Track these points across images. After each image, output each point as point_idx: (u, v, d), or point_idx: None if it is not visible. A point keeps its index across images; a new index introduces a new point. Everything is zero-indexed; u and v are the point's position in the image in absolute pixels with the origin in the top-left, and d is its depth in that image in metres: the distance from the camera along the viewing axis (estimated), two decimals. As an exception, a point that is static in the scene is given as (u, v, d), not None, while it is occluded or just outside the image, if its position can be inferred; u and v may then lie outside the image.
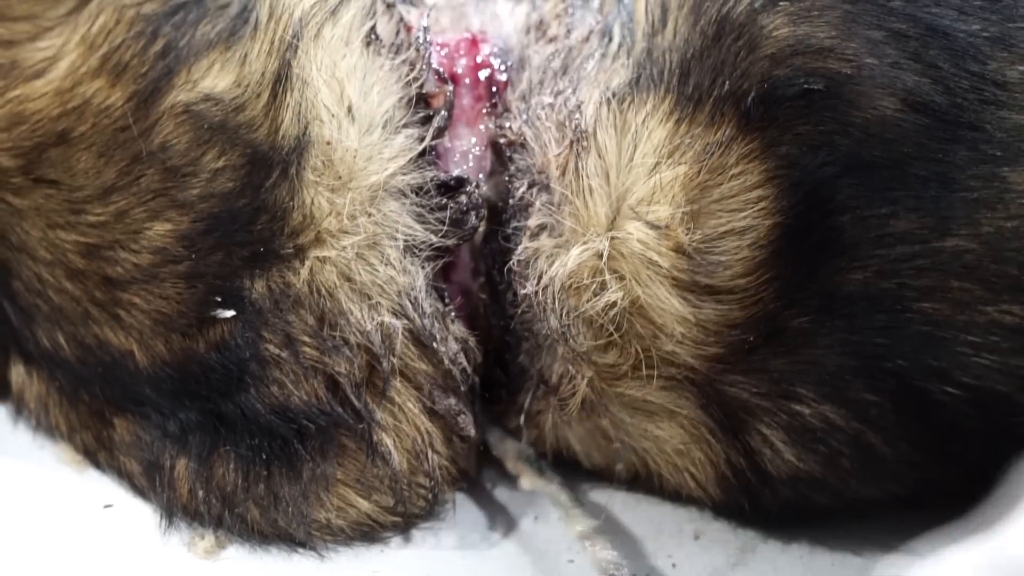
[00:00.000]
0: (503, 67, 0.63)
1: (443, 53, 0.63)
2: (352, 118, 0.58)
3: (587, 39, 0.62)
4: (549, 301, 0.58)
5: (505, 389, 0.63)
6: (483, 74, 0.63)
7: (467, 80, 0.62)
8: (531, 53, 0.63)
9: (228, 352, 0.59)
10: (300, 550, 0.61)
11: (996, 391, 0.54)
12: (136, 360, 0.61)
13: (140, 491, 0.63)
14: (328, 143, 0.58)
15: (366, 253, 0.58)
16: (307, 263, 0.58)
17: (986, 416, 0.55)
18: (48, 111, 0.60)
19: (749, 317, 0.56)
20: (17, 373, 0.67)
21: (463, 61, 0.63)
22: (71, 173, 0.60)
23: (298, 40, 0.58)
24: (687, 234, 0.55)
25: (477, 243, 0.61)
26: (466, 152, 0.61)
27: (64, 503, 0.64)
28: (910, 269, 0.53)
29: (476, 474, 0.65)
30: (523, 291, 0.59)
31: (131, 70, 0.59)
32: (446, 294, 0.61)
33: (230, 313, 0.58)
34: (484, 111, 0.62)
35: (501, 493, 0.66)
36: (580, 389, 0.59)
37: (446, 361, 0.60)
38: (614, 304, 0.57)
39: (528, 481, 0.62)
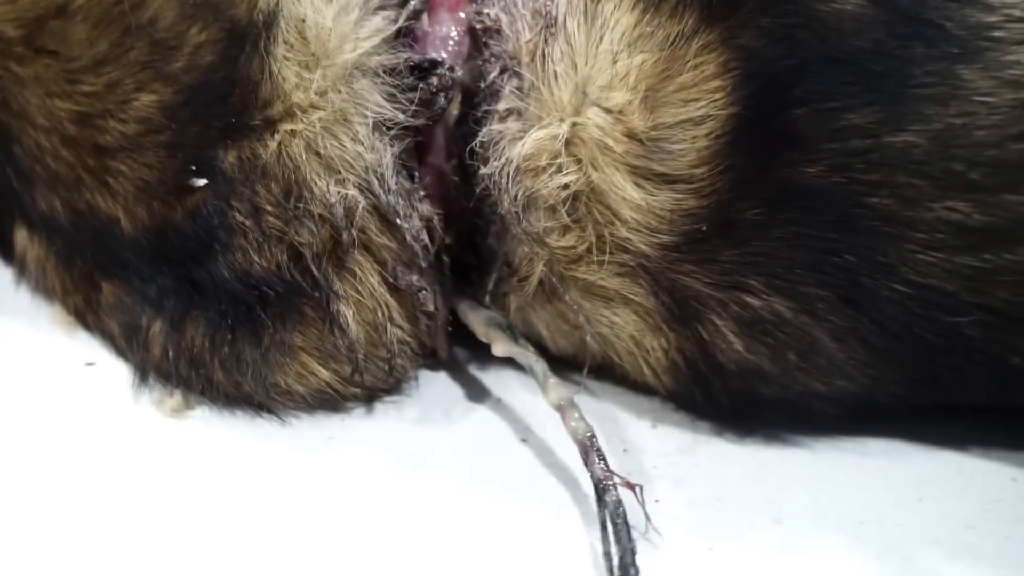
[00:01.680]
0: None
1: (435, -60, 0.64)
2: None
3: None
4: (504, 181, 0.59)
5: (476, 271, 0.65)
6: (467, -39, 0.63)
7: (452, -34, 0.63)
8: None
9: (200, 220, 0.61)
10: (262, 413, 0.63)
11: (942, 289, 0.54)
12: (121, 226, 0.63)
13: (120, 351, 0.66)
14: (303, 20, 0.59)
15: (335, 128, 0.60)
16: (277, 136, 0.59)
17: (931, 315, 0.55)
18: None
19: (703, 207, 0.56)
20: (20, 237, 0.70)
21: (450, -52, 0.64)
22: (68, 44, 0.62)
23: None
24: (642, 120, 0.56)
25: (450, 125, 0.62)
26: (445, 37, 0.62)
27: (51, 360, 0.67)
28: (861, 163, 0.53)
29: (446, 353, 0.67)
30: (483, 171, 0.60)
31: None
32: (416, 173, 0.62)
33: (203, 182, 0.60)
34: (465, -1, 0.63)
35: (471, 373, 0.67)
36: (536, 271, 0.61)
37: (408, 237, 0.61)
38: (567, 186, 0.58)
39: (502, 347, 0.63)
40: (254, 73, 0.59)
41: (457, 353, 0.68)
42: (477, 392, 0.66)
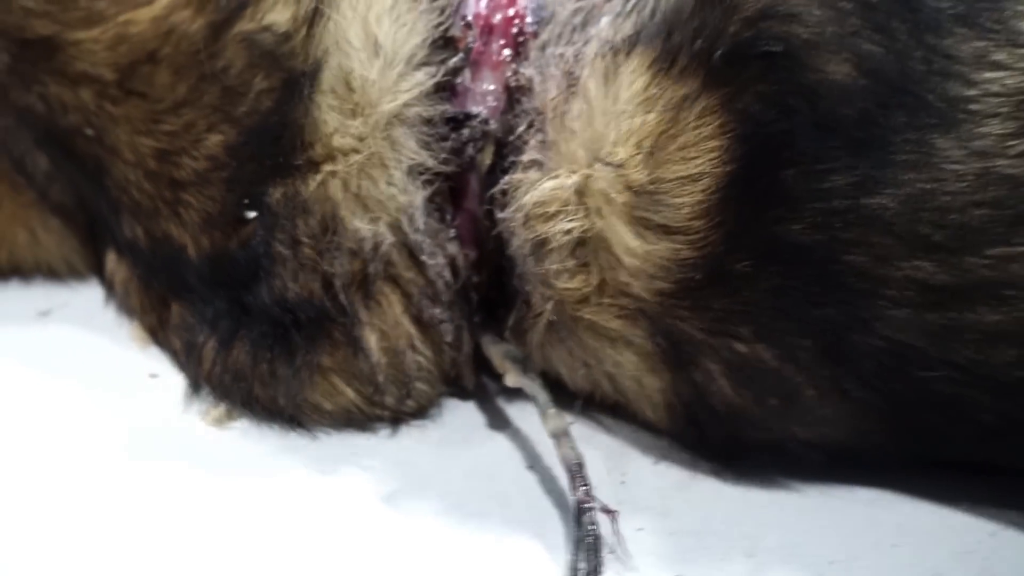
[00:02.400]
0: (535, 20, 0.69)
1: (485, 3, 0.69)
2: (377, 52, 0.65)
3: None
4: (516, 224, 0.64)
5: (502, 308, 0.70)
6: (516, 25, 0.69)
7: (500, 29, 0.69)
8: (560, 9, 0.69)
9: (249, 249, 0.68)
10: (295, 427, 0.69)
11: (913, 345, 0.58)
12: (188, 253, 0.70)
13: (180, 365, 0.73)
14: (350, 72, 0.65)
15: (372, 171, 0.66)
16: (318, 176, 0.66)
17: (904, 370, 0.58)
18: (145, 34, 0.70)
19: (697, 257, 0.60)
20: (110, 260, 0.77)
21: (500, 13, 0.69)
22: (154, 87, 0.70)
23: None
24: (644, 175, 0.60)
25: (483, 173, 0.68)
26: (485, 93, 0.68)
27: (122, 370, 0.75)
28: (840, 223, 0.57)
29: (472, 384, 0.72)
30: (500, 215, 0.65)
31: (213, 2, 0.68)
32: (448, 215, 0.68)
33: (254, 214, 0.67)
34: (509, 58, 0.68)
35: (496, 403, 0.72)
36: (547, 310, 0.66)
37: (432, 273, 0.67)
38: (571, 231, 0.63)
39: (512, 378, 0.68)
40: (300, 117, 0.65)
41: (488, 384, 0.73)
42: (498, 421, 0.71)
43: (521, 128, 0.66)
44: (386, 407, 0.70)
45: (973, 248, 0.55)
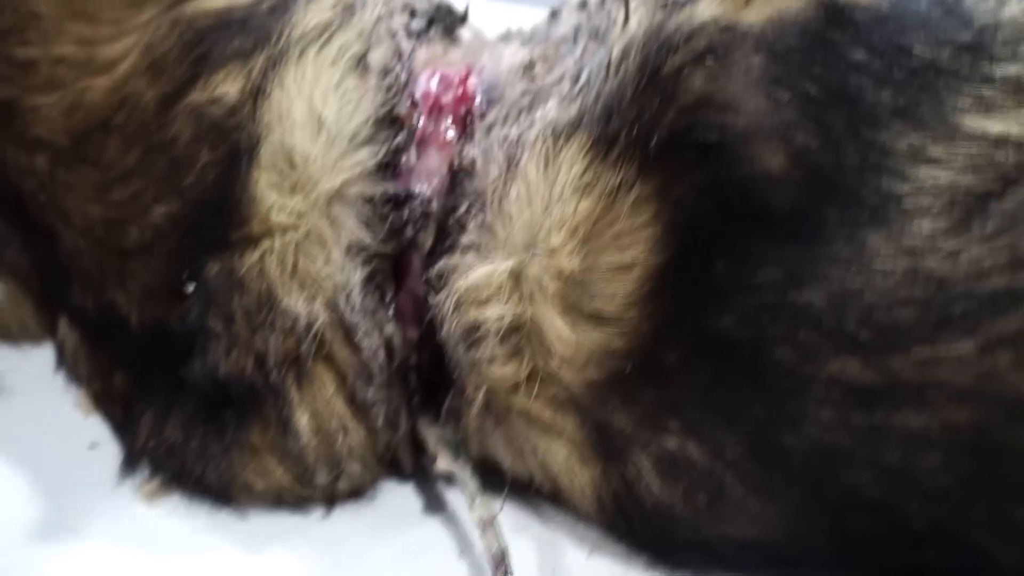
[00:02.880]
0: (485, 100, 0.68)
1: (436, 83, 0.69)
2: (320, 129, 0.65)
3: (560, 81, 0.66)
4: (448, 309, 0.63)
5: (443, 390, 0.69)
6: (465, 105, 0.68)
7: (449, 109, 0.68)
8: (509, 90, 0.68)
9: (186, 323, 0.67)
10: (225, 505, 0.68)
11: (840, 445, 0.56)
12: (131, 323, 0.70)
13: (120, 435, 0.73)
14: (292, 148, 0.65)
15: (310, 249, 0.65)
16: (255, 252, 0.65)
17: (833, 472, 0.57)
18: (101, 102, 0.69)
19: (628, 348, 0.59)
20: (63, 325, 0.77)
21: (451, 93, 0.69)
22: (105, 156, 0.69)
23: (285, 56, 0.66)
24: (577, 263, 0.59)
25: (423, 254, 0.67)
26: (431, 172, 0.67)
27: (63, 438, 0.74)
28: (768, 317, 0.56)
29: (410, 466, 0.71)
30: (434, 298, 0.64)
31: (167, 73, 0.68)
32: (389, 294, 0.67)
33: (192, 288, 0.66)
34: (455, 139, 0.67)
35: (435, 488, 0.71)
36: (478, 397, 0.64)
37: (367, 354, 0.66)
38: (503, 317, 0.61)
39: (443, 462, 0.67)
40: (239, 192, 0.65)
41: (427, 467, 0.72)
42: (434, 504, 0.70)
43: (462, 209, 0.65)
44: (317, 487, 0.68)
45: (899, 348, 0.54)
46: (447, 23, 0.75)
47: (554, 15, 0.72)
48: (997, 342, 0.52)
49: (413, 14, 0.74)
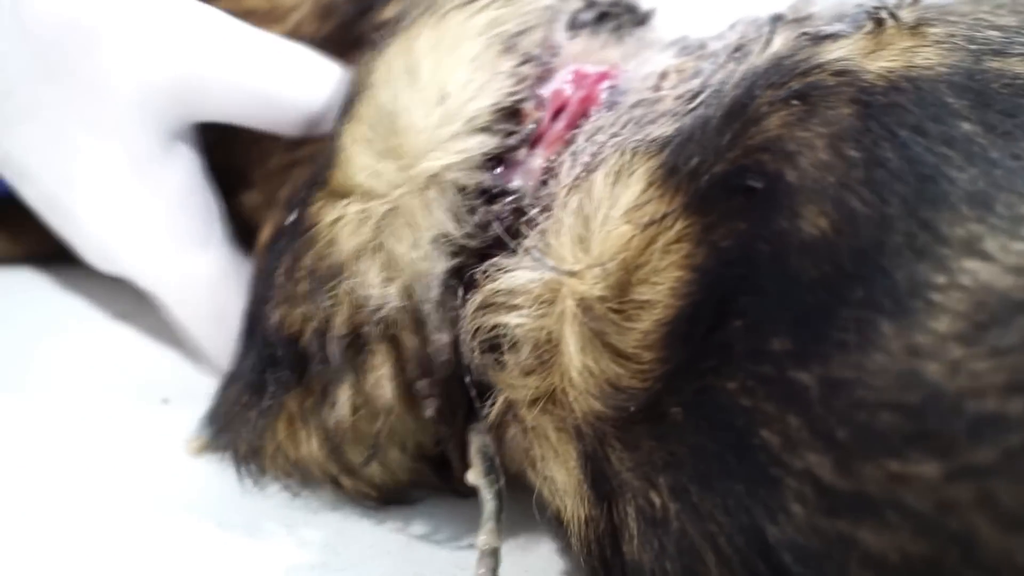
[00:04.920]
0: (607, 105, 0.65)
1: (570, 80, 0.66)
2: (439, 102, 0.64)
3: (681, 96, 0.62)
4: (474, 309, 0.61)
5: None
6: (586, 107, 0.65)
7: (570, 109, 0.65)
8: (631, 97, 0.64)
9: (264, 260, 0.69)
10: (252, 471, 0.69)
11: (808, 548, 0.49)
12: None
13: None
14: (398, 111, 0.64)
15: (397, 228, 0.63)
16: (333, 210, 0.64)
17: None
18: None
19: (637, 388, 0.55)
20: None
21: (580, 92, 0.66)
22: None
23: (431, 9, 0.66)
24: (609, 291, 0.56)
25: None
26: (529, 171, 0.64)
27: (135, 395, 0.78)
28: (764, 392, 0.50)
29: (460, 472, 0.66)
30: (471, 297, 0.62)
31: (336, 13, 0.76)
32: (464, 291, 0.64)
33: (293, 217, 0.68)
34: (561, 138, 0.65)
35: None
36: (497, 405, 0.62)
37: (433, 347, 0.64)
38: (521, 325, 0.59)
39: (473, 474, 0.64)
40: (334, 136, 0.66)
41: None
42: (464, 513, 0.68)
43: (534, 211, 0.63)
44: (347, 468, 0.67)
45: (871, 456, 0.46)
46: (622, 20, 0.72)
47: (732, 27, 0.67)
48: (964, 472, 0.44)
49: (592, 4, 0.72)
